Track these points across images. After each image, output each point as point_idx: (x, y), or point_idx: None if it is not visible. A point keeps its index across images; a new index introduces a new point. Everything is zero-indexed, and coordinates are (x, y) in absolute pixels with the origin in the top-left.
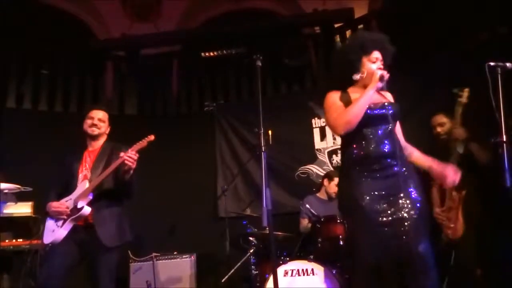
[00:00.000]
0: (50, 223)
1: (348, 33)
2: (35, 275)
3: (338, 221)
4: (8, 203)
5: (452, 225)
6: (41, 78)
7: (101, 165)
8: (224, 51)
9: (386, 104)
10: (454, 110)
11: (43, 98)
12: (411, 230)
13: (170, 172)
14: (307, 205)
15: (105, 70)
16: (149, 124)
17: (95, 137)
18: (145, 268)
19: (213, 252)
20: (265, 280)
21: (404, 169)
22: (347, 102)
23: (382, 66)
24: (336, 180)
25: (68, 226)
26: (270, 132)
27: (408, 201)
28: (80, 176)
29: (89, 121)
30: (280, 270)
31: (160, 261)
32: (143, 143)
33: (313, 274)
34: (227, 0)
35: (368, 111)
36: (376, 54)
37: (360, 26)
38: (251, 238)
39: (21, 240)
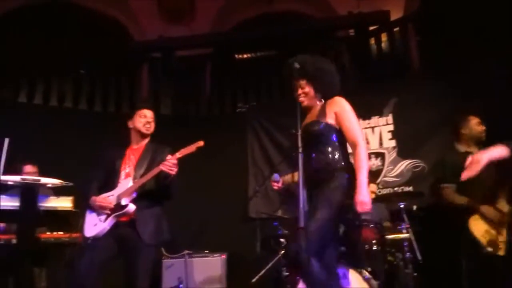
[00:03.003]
0: (91, 217)
1: (383, 36)
2: (74, 267)
3: (371, 225)
4: (50, 197)
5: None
6: (81, 78)
7: (144, 165)
8: (257, 54)
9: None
10: None
11: (83, 98)
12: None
13: (202, 172)
14: None
15: (141, 71)
16: (182, 124)
17: (145, 136)
18: (177, 265)
19: (244, 252)
20: (296, 282)
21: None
22: None
23: (300, 93)
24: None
25: (111, 221)
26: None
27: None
28: (123, 173)
29: (142, 120)
30: None
31: (192, 259)
32: (191, 148)
33: (344, 278)
34: (260, 3)
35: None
36: (296, 83)
37: (396, 29)
38: (282, 240)
39: (61, 233)
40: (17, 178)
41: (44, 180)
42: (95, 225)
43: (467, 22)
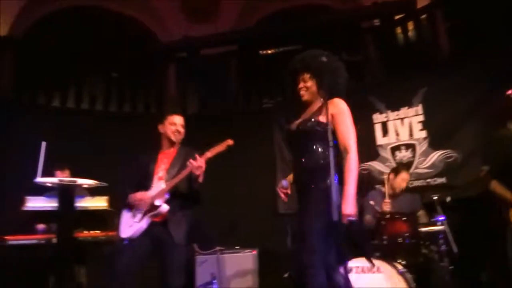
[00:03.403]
0: (127, 218)
1: (409, 24)
2: (111, 265)
3: (403, 218)
4: (86, 197)
5: None
6: (110, 81)
7: (176, 168)
8: (282, 48)
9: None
10: None
11: (113, 100)
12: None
13: (231, 169)
14: (371, 202)
15: (168, 72)
16: (210, 122)
17: (176, 142)
18: (209, 261)
19: (274, 247)
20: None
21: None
22: None
23: (301, 87)
24: (402, 174)
25: (146, 221)
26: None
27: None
28: (156, 177)
29: (172, 127)
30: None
31: (224, 255)
32: (221, 147)
33: (379, 272)
34: None
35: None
36: (300, 76)
37: (423, 17)
38: None
39: (98, 231)
40: (55, 180)
41: (80, 181)
42: (130, 226)
43: (497, 4)
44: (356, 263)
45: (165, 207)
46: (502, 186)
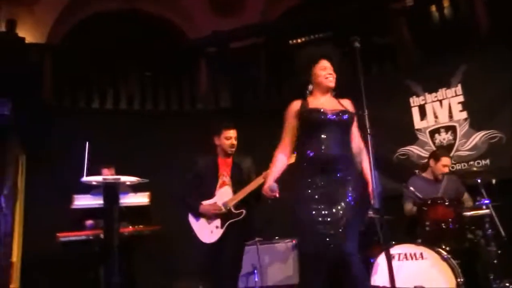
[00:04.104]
0: (203, 224)
1: (445, 1)
2: (154, 258)
3: (446, 203)
4: (129, 194)
5: None
6: (145, 80)
7: (237, 175)
8: (312, 37)
9: (340, 111)
10: None
11: (149, 99)
12: (344, 231)
13: (266, 160)
14: (412, 188)
15: (199, 67)
16: (242, 116)
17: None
18: (250, 252)
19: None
20: (370, 264)
21: (348, 173)
22: (304, 110)
23: (331, 73)
24: (443, 160)
25: (226, 227)
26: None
27: (343, 204)
28: (219, 182)
29: (228, 142)
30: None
31: (263, 246)
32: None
33: (422, 258)
34: None
35: (322, 116)
36: (324, 63)
37: None
38: None
39: (141, 226)
40: (99, 178)
41: (123, 178)
42: (212, 232)
43: None
44: (399, 250)
45: (244, 212)
46: None
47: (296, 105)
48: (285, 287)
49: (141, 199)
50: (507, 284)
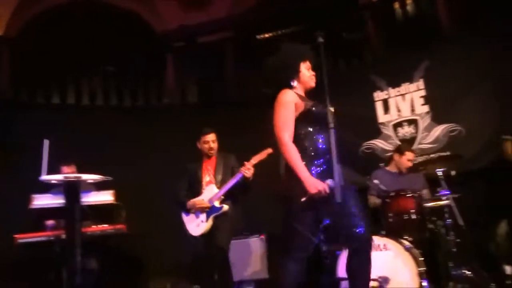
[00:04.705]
0: (190, 219)
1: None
2: (121, 257)
3: (408, 195)
4: (92, 192)
5: None
6: (109, 75)
7: (221, 172)
8: (279, 32)
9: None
10: None
11: (112, 95)
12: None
13: (236, 153)
14: (376, 181)
15: (166, 62)
16: (210, 110)
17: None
18: None
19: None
20: (336, 257)
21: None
22: (311, 104)
23: (313, 74)
24: (407, 154)
25: (211, 220)
26: (332, 109)
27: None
28: (204, 181)
29: (206, 146)
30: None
31: (233, 241)
32: (262, 155)
33: (386, 249)
34: None
35: (314, 108)
36: (309, 63)
37: None
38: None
39: (105, 225)
40: (59, 176)
41: (84, 176)
42: (198, 226)
43: None
44: None
45: (225, 207)
46: None
47: (293, 94)
48: (254, 282)
49: (105, 197)
50: (465, 271)
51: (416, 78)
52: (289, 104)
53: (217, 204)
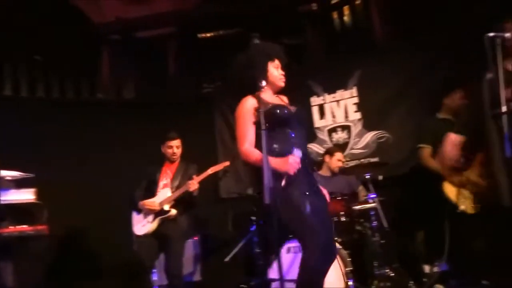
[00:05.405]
0: (139, 218)
1: (345, 9)
2: (43, 259)
3: (338, 198)
4: (11, 190)
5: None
6: (36, 65)
7: (178, 178)
8: (221, 32)
9: (297, 108)
10: None
11: (39, 86)
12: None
13: None
14: None
15: (101, 55)
16: (147, 108)
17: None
18: None
19: (217, 232)
20: (268, 258)
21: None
22: (269, 106)
23: (283, 74)
24: (337, 155)
25: (157, 222)
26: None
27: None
28: (161, 184)
29: (169, 151)
30: (283, 247)
31: None
32: (218, 167)
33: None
34: None
35: (286, 111)
36: (278, 62)
37: (358, 2)
38: (253, 218)
39: (25, 226)
40: None
41: (3, 173)
42: (143, 226)
43: None
44: (295, 243)
45: (173, 211)
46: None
47: (252, 101)
48: (186, 284)
49: (26, 196)
50: (387, 270)
51: (350, 85)
52: (246, 114)
53: (166, 207)
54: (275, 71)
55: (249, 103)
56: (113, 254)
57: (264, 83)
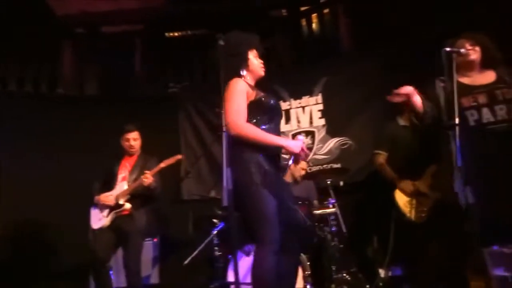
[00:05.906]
0: (96, 213)
1: (314, 16)
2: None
3: (299, 202)
4: None
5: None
6: None
7: (137, 171)
8: (189, 32)
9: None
10: None
11: None
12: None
13: None
14: None
15: (63, 48)
16: (110, 106)
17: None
18: None
19: (177, 234)
20: (228, 261)
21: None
22: (261, 95)
23: (262, 62)
24: (302, 163)
25: (112, 216)
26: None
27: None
28: (119, 177)
29: (127, 143)
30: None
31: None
32: (171, 160)
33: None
34: None
35: (273, 102)
36: (257, 52)
37: (326, 11)
38: (214, 220)
39: None
40: None
41: None
42: (99, 220)
43: (393, 4)
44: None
45: (127, 206)
46: (387, 162)
47: (243, 83)
48: (145, 286)
49: None
50: (345, 274)
51: (316, 92)
52: (241, 92)
53: (121, 201)
54: (255, 60)
55: (241, 84)
56: (74, 252)
57: (244, 72)
